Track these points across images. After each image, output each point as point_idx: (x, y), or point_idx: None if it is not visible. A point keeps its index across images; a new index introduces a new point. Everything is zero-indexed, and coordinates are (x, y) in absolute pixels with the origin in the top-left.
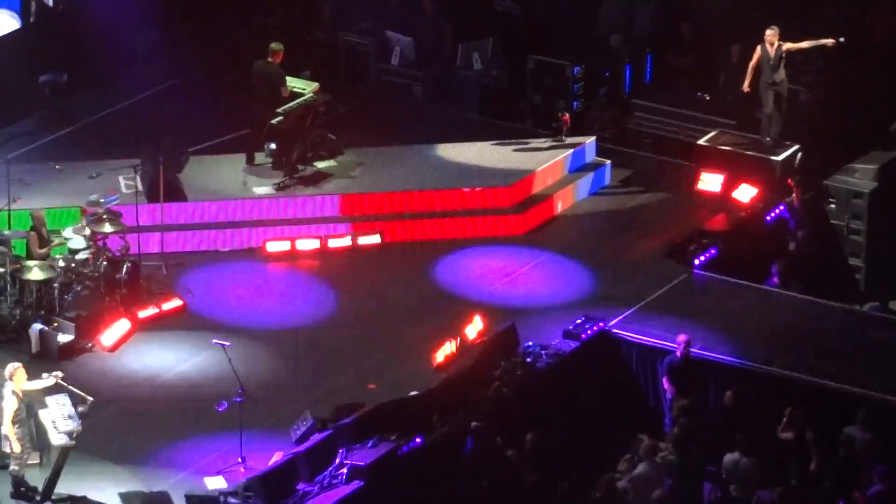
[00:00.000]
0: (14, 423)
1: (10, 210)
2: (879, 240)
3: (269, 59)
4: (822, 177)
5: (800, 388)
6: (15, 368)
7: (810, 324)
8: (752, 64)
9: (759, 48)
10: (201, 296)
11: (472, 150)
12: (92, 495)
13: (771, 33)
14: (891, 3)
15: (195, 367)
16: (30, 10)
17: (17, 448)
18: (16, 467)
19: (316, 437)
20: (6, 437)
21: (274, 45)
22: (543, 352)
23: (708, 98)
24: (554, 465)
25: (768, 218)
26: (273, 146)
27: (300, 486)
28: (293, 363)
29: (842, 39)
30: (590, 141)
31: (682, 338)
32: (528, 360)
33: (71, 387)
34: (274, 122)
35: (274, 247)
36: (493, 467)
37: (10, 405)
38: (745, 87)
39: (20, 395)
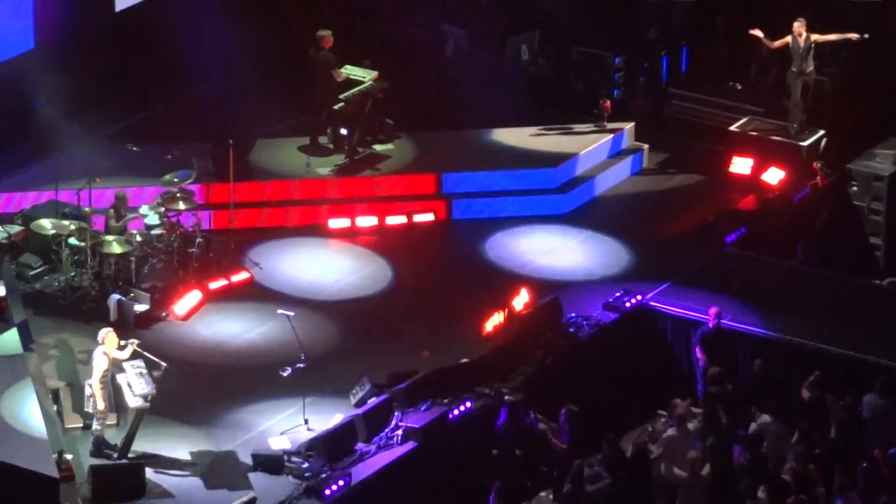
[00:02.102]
0: (101, 383)
1: (91, 189)
2: None
3: (319, 46)
4: (845, 161)
5: (823, 356)
6: (107, 332)
7: (833, 297)
8: (778, 44)
9: (788, 38)
10: (267, 269)
11: (520, 134)
12: (165, 454)
13: (798, 25)
14: None
15: (261, 335)
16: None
17: (101, 406)
18: (98, 427)
19: (373, 401)
20: (92, 396)
21: (321, 33)
22: (585, 323)
23: (740, 87)
24: (588, 432)
25: (795, 199)
26: (336, 130)
27: (358, 446)
28: (352, 332)
29: (866, 36)
30: (628, 126)
31: (713, 310)
32: (571, 330)
33: (146, 353)
34: (336, 107)
35: (335, 224)
36: (525, 440)
37: (101, 366)
38: (781, 69)
39: (110, 357)
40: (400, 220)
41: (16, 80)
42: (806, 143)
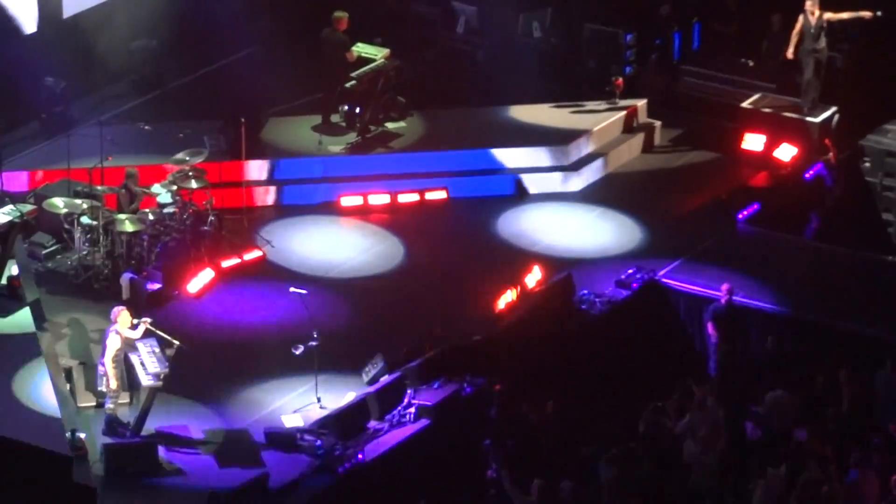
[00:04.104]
0: (114, 361)
1: (102, 167)
2: None
3: (334, 27)
4: (858, 137)
5: (835, 333)
6: (119, 311)
7: (845, 274)
8: (794, 31)
9: (801, 17)
10: (280, 247)
11: (533, 111)
12: (178, 432)
13: (811, 3)
14: None
15: (274, 313)
16: None
17: (114, 385)
18: (111, 405)
19: (386, 379)
20: (105, 374)
21: (337, 14)
22: (597, 300)
23: (751, 64)
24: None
25: (807, 175)
26: (347, 108)
27: (371, 423)
28: (365, 310)
29: (878, 13)
30: (641, 103)
31: (725, 286)
32: (584, 307)
33: (159, 331)
34: (348, 85)
35: (347, 201)
36: (516, 430)
37: (113, 344)
38: (790, 53)
39: (123, 336)
40: (412, 197)
41: (29, 57)
42: (818, 120)
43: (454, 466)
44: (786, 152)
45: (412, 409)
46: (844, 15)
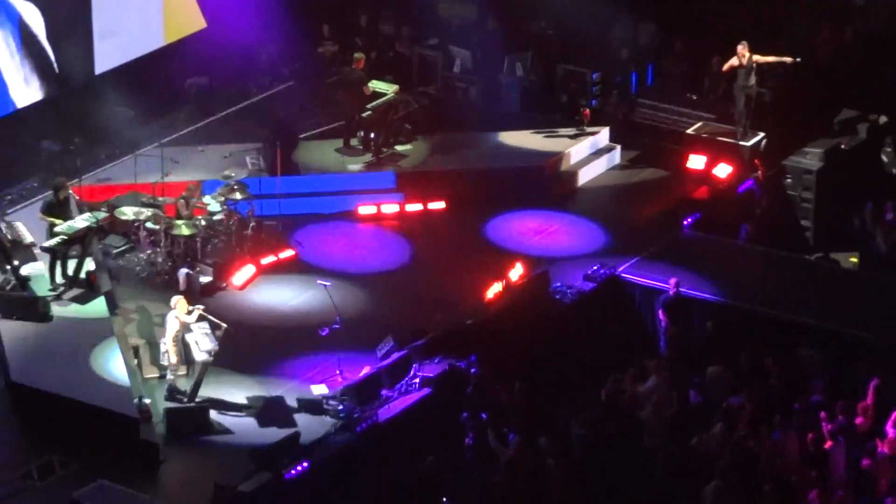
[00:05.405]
0: (174, 341)
1: (163, 182)
2: (824, 206)
3: (353, 65)
4: (781, 158)
5: (762, 318)
6: (177, 300)
7: (771, 269)
8: (725, 67)
9: (733, 58)
10: (308, 247)
11: (515, 136)
12: (226, 398)
13: (742, 48)
14: (830, 31)
15: (304, 301)
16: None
17: (174, 360)
18: (171, 377)
19: (396, 355)
20: (166, 351)
21: (356, 55)
22: (569, 291)
23: (694, 98)
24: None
25: (740, 189)
26: (364, 133)
27: (383, 391)
28: (379, 299)
29: (798, 59)
30: (604, 130)
31: (673, 280)
32: (558, 297)
33: (210, 316)
34: (364, 115)
35: (364, 210)
36: (489, 405)
37: (173, 327)
38: (728, 82)
39: (181, 320)
40: (417, 207)
41: (101, 95)
42: (749, 144)
43: (452, 427)
44: (723, 170)
45: (417, 380)
46: (770, 58)
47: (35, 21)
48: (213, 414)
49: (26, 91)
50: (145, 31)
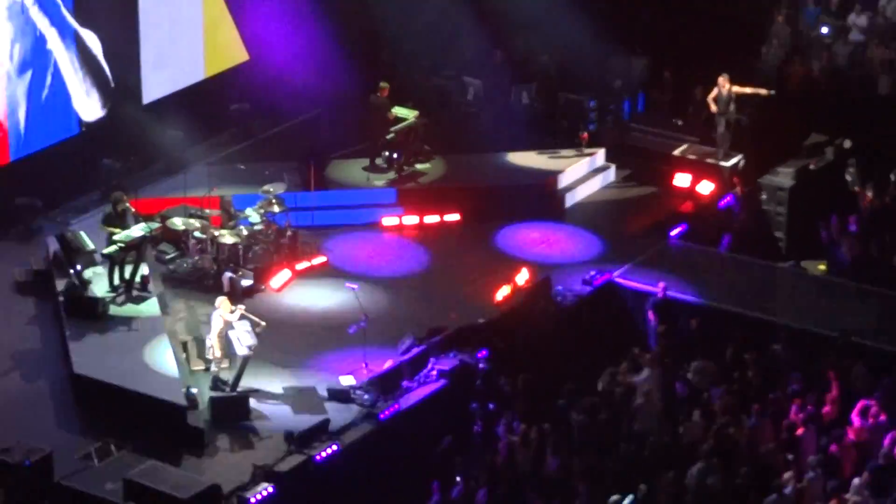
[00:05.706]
0: (218, 337)
1: (210, 196)
2: (795, 220)
3: (378, 93)
4: (757, 176)
5: (740, 318)
6: (222, 300)
7: (748, 275)
8: (708, 98)
9: (715, 89)
10: (338, 255)
11: (522, 157)
12: (264, 388)
13: (722, 80)
14: (799, 63)
15: (334, 302)
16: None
17: (218, 354)
18: (215, 368)
19: (415, 350)
20: (211, 347)
21: (381, 84)
22: (569, 294)
23: (680, 123)
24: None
25: (721, 204)
26: (387, 153)
27: (404, 382)
28: (400, 301)
29: (772, 91)
30: (600, 151)
31: (661, 284)
32: (559, 299)
33: (251, 315)
34: (388, 137)
35: (387, 221)
36: (495, 397)
37: (218, 324)
38: (713, 108)
39: (224, 319)
40: (435, 219)
41: (153, 118)
42: (728, 164)
43: (465, 413)
44: (705, 187)
45: (434, 372)
46: (747, 89)
47: (93, 43)
48: (253, 402)
49: (88, 104)
50: (190, 64)
